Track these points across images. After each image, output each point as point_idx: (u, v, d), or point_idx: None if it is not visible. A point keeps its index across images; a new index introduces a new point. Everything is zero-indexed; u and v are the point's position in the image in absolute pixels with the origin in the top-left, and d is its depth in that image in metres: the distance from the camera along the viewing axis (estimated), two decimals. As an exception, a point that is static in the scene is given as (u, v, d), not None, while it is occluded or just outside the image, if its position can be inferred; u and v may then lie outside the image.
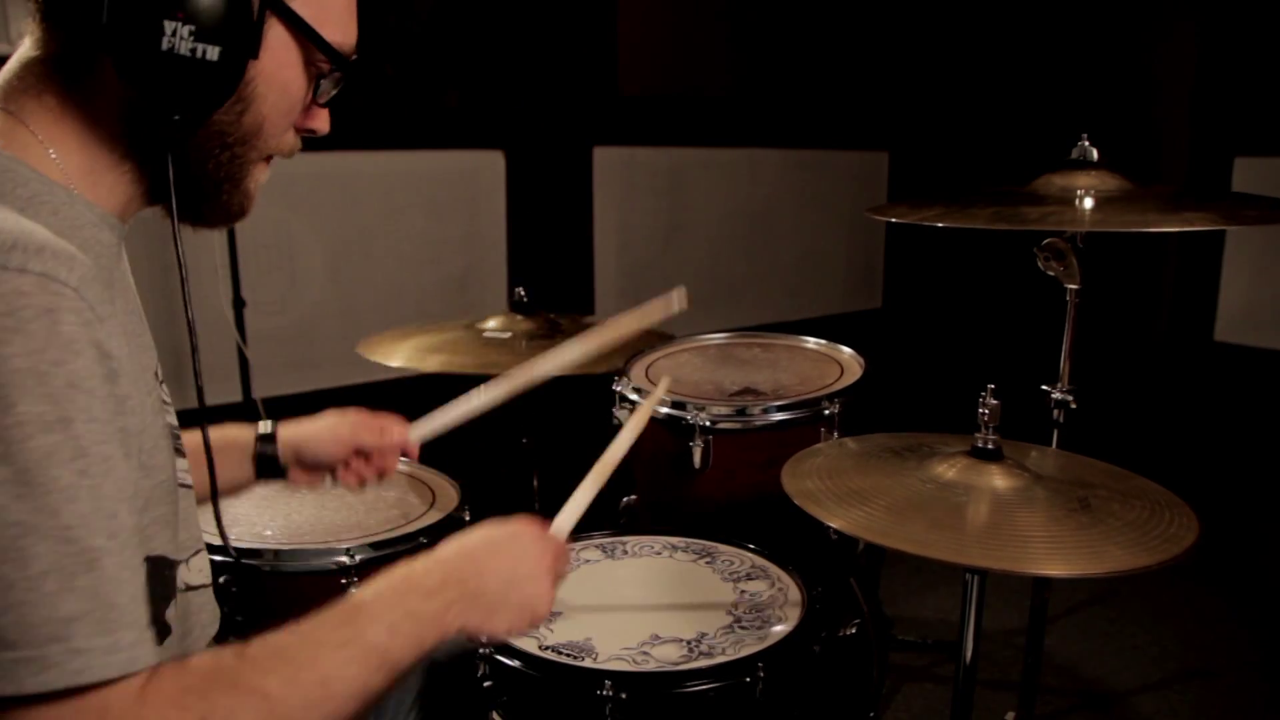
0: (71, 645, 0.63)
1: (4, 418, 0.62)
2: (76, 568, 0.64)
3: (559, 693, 1.15)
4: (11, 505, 0.62)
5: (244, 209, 0.87)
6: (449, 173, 3.45)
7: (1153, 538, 1.10)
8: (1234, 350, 3.90)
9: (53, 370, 0.64)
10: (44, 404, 0.63)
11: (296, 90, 0.83)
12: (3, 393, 0.62)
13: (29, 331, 0.63)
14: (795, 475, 1.28)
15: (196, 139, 0.80)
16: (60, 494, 0.64)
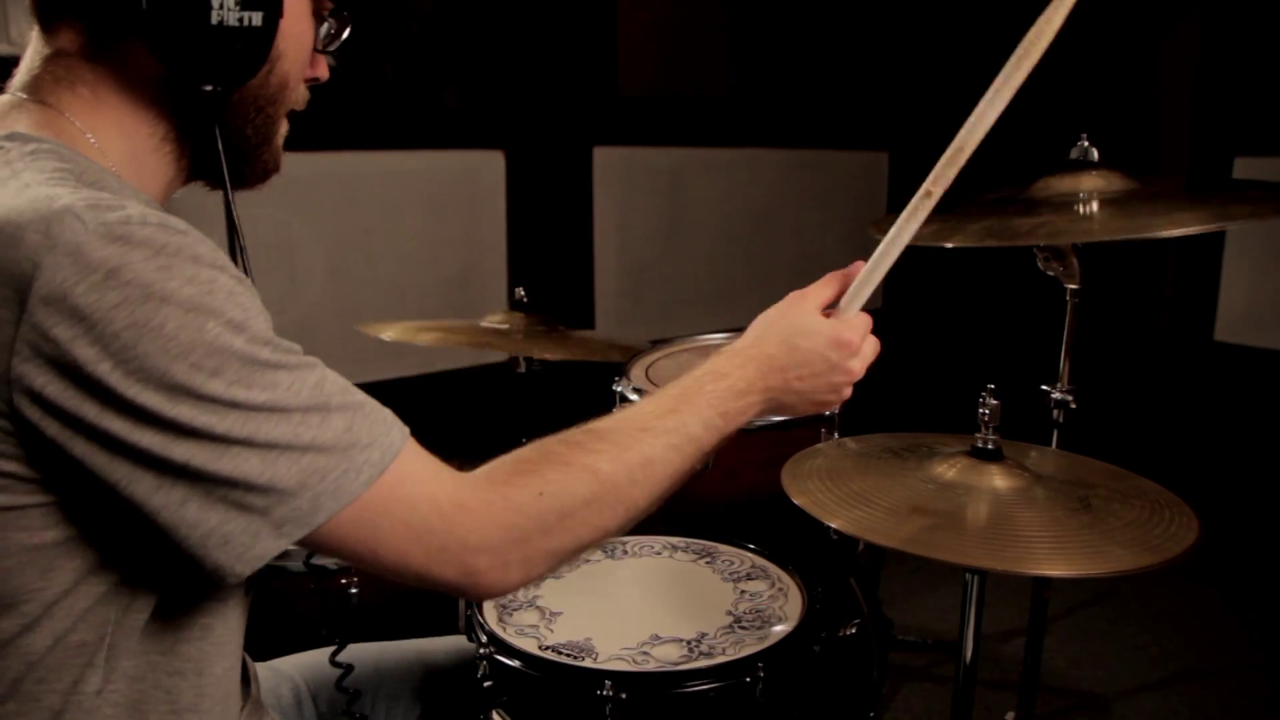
0: (391, 434, 0.73)
1: (205, 332, 0.65)
2: (336, 395, 0.72)
3: (559, 693, 1.15)
4: (246, 394, 0.66)
5: (277, 165, 0.89)
6: (449, 173, 3.45)
7: (1154, 537, 1.10)
8: (1234, 350, 3.90)
9: (218, 280, 0.67)
10: (230, 307, 0.67)
11: (308, 41, 0.86)
12: (194, 313, 0.65)
13: (176, 265, 0.66)
14: (795, 476, 1.28)
15: (231, 107, 0.82)
16: (284, 369, 0.70)
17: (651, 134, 3.97)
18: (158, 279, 0.64)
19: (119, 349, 0.63)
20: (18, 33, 2.58)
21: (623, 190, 3.92)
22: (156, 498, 0.65)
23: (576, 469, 0.80)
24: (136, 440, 0.64)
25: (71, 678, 0.71)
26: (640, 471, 0.84)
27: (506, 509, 0.76)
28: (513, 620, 1.26)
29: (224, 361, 0.66)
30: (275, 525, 0.67)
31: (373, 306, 3.30)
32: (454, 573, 0.74)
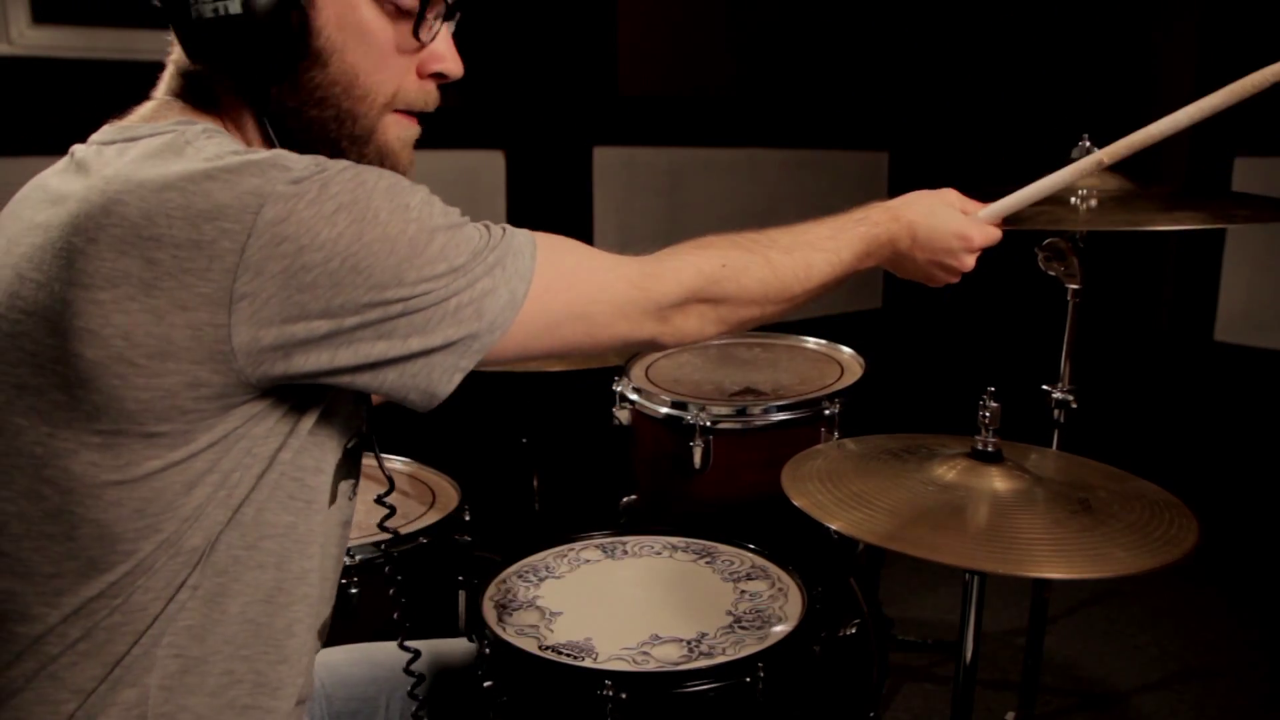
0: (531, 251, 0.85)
1: (409, 213, 0.77)
2: (500, 257, 0.82)
3: (559, 693, 1.15)
4: (457, 256, 0.78)
5: (393, 168, 0.88)
6: (449, 173, 3.45)
7: (1154, 539, 1.10)
8: (1234, 350, 3.90)
9: (398, 180, 0.79)
10: (416, 191, 0.79)
11: (378, 32, 0.84)
12: (396, 200, 0.77)
13: (365, 172, 0.77)
14: (795, 477, 1.28)
15: (294, 105, 0.83)
16: (467, 223, 0.82)
17: (651, 134, 3.97)
18: (357, 184, 0.75)
19: (345, 245, 0.73)
20: (17, 32, 2.58)
21: (623, 190, 3.91)
22: (379, 376, 0.78)
23: (757, 255, 1.00)
24: (365, 350, 0.76)
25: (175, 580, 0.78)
26: (803, 272, 1.03)
27: (693, 273, 0.95)
28: (513, 620, 1.26)
29: (432, 235, 0.77)
30: (478, 337, 0.80)
31: (373, 306, 3.29)
32: (651, 325, 0.93)
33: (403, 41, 0.85)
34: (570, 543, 1.48)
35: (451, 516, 1.62)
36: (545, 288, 0.83)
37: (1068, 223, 1.51)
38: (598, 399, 1.89)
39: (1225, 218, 1.45)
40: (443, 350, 0.78)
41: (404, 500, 1.69)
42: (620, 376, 1.84)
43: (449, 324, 0.78)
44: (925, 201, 1.16)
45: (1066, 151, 1.64)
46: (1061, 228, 1.58)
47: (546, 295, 0.83)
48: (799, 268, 1.03)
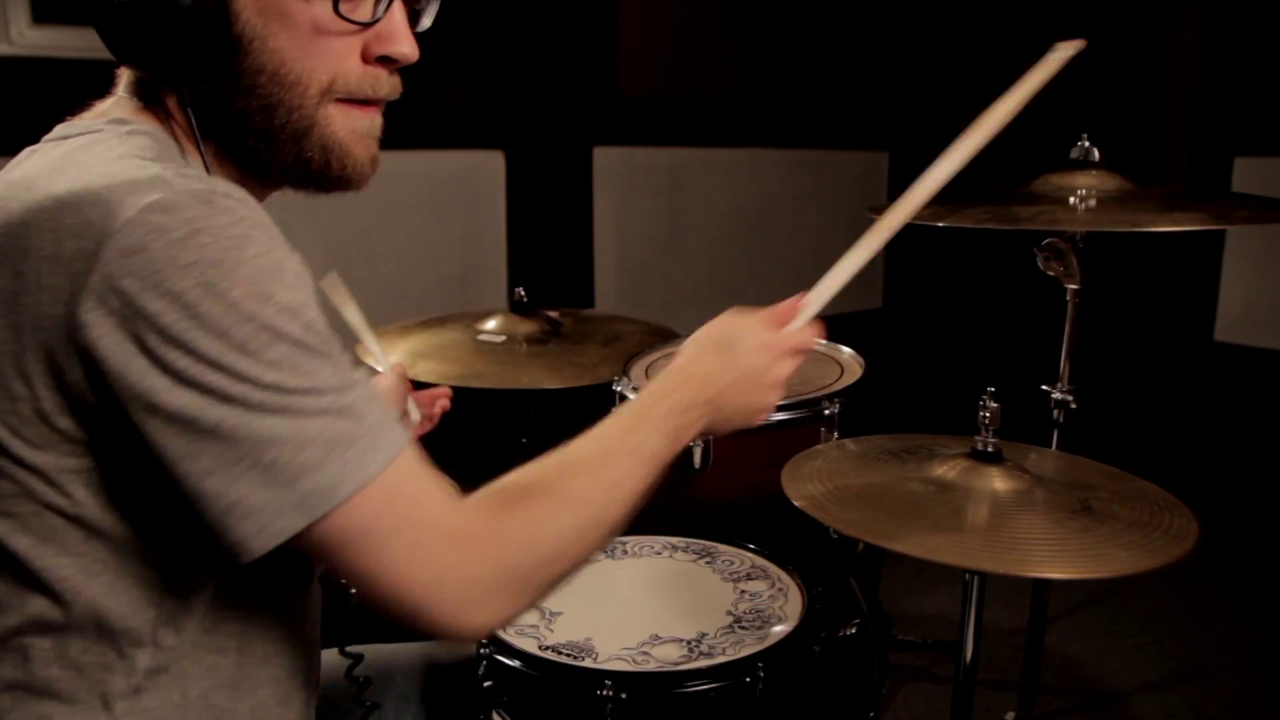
0: (394, 432, 0.73)
1: (265, 308, 0.67)
2: (354, 407, 0.72)
3: (559, 693, 1.15)
4: (307, 364, 0.69)
5: (342, 163, 0.83)
6: (449, 173, 3.45)
7: (1154, 539, 1.10)
8: (1234, 350, 3.90)
9: (286, 262, 0.71)
10: (291, 291, 0.70)
11: (297, 14, 0.77)
12: (260, 289, 0.67)
13: (255, 237, 0.69)
14: (795, 478, 1.28)
15: (220, 97, 0.78)
16: (326, 359, 0.71)
17: (651, 134, 3.97)
18: (234, 246, 0.67)
19: (183, 306, 0.65)
20: (17, 32, 2.58)
21: (623, 190, 3.91)
22: (185, 463, 0.67)
23: (563, 500, 0.80)
24: (175, 399, 0.66)
25: (107, 661, 0.74)
26: (615, 491, 0.84)
27: (504, 543, 0.76)
28: (512, 621, 1.26)
29: (275, 340, 0.68)
30: (298, 500, 0.68)
31: (373, 306, 3.27)
32: (451, 604, 0.74)
33: (327, 23, 0.78)
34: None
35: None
36: (376, 499, 0.70)
37: (1067, 223, 1.52)
38: (598, 399, 1.89)
39: (1225, 218, 1.45)
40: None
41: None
42: (620, 376, 1.84)
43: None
44: (712, 337, 1.00)
45: (1067, 151, 1.65)
46: (1061, 228, 1.59)
47: (367, 508, 0.70)
48: (610, 489, 0.84)
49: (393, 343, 2.02)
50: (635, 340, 2.07)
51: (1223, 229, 3.62)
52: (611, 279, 3.95)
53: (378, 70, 0.83)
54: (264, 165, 0.83)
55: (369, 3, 0.81)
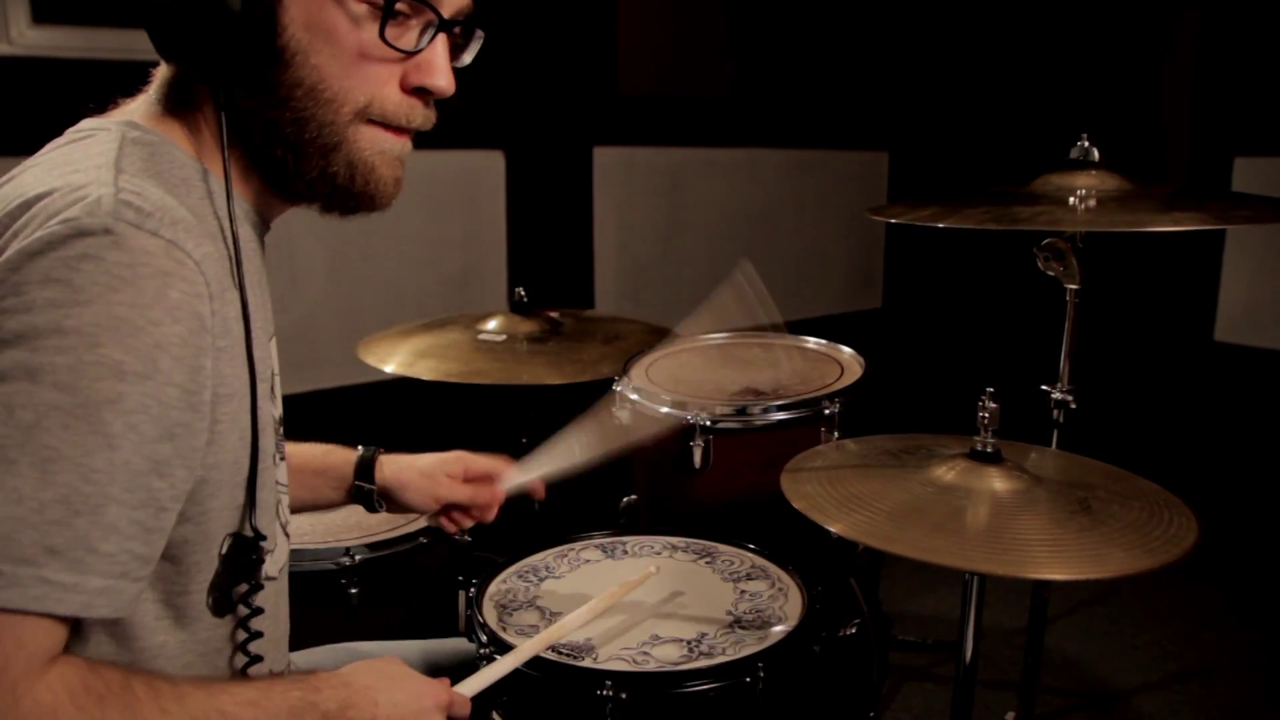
0: (41, 574, 0.66)
1: (86, 354, 0.66)
2: (83, 508, 0.67)
3: (559, 693, 1.15)
4: (56, 430, 0.66)
5: (367, 181, 0.84)
6: (449, 173, 3.45)
7: (1153, 539, 1.10)
8: (1234, 350, 3.90)
9: (148, 327, 0.68)
10: (127, 354, 0.67)
11: (346, 35, 0.79)
12: (94, 332, 0.66)
13: (140, 286, 0.68)
14: (795, 479, 1.28)
15: (254, 105, 0.80)
16: (102, 438, 0.67)
17: (651, 134, 3.97)
18: (106, 283, 0.67)
19: (22, 302, 0.66)
20: (17, 32, 2.58)
21: (623, 190, 3.91)
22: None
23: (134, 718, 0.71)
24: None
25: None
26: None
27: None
28: (513, 620, 1.26)
29: (69, 386, 0.66)
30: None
31: (372, 306, 3.29)
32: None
33: (371, 48, 0.80)
34: (570, 543, 1.48)
35: (451, 516, 1.62)
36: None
37: (1067, 223, 1.51)
38: (598, 397, 1.89)
39: (1225, 218, 1.45)
40: None
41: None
42: (620, 376, 1.84)
43: None
44: (387, 667, 0.91)
45: (1066, 151, 1.64)
46: (1061, 228, 1.58)
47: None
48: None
49: (394, 344, 2.02)
50: (635, 340, 2.07)
51: (1223, 229, 3.62)
52: (611, 279, 3.95)
53: (414, 100, 0.85)
54: (289, 177, 0.84)
55: (414, 33, 0.83)
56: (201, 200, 0.80)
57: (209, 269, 0.73)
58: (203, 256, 0.73)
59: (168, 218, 0.71)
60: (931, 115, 4.65)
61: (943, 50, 4.58)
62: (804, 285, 4.59)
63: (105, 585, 0.69)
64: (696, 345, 2.06)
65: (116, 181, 0.72)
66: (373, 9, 0.79)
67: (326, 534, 1.56)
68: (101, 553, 0.69)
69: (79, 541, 0.67)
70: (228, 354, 0.76)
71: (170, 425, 0.71)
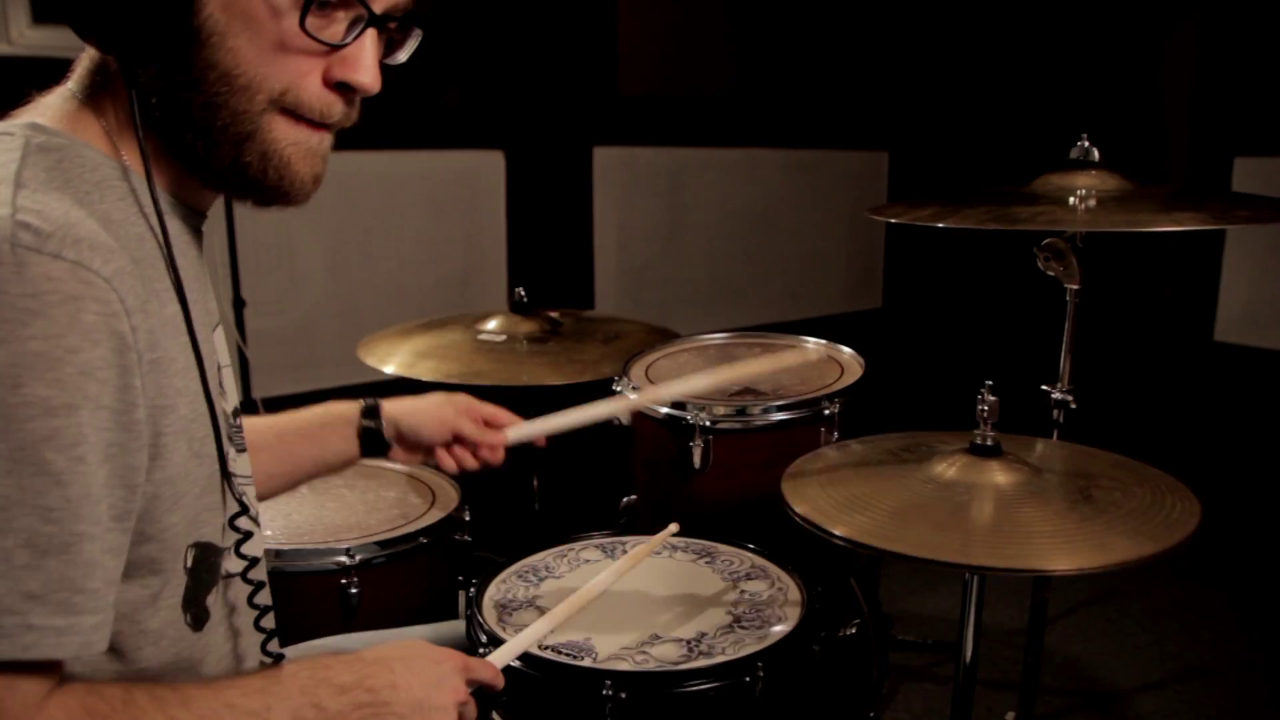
0: (27, 620, 0.65)
1: (9, 396, 0.63)
2: (50, 548, 0.66)
3: (559, 693, 1.15)
4: (1, 478, 0.64)
5: (281, 176, 0.80)
6: (449, 173, 3.45)
7: (1156, 525, 1.10)
8: (1234, 350, 3.90)
9: (67, 356, 0.65)
10: (52, 388, 0.65)
11: (263, 21, 0.75)
12: (13, 372, 0.64)
13: (51, 316, 0.65)
14: (796, 482, 1.28)
15: (164, 84, 0.76)
16: (50, 477, 0.65)
17: (651, 134, 3.97)
18: (12, 318, 0.64)
19: None
20: (17, 32, 2.58)
21: (623, 190, 3.92)
22: None
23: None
24: None
25: None
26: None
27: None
28: (512, 620, 1.26)
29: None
30: None
31: (372, 306, 3.30)
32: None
33: (292, 38, 0.75)
34: (570, 543, 1.48)
35: (451, 516, 1.62)
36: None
37: (1067, 223, 1.51)
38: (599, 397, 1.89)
39: (1225, 218, 1.45)
40: None
41: (405, 499, 1.69)
42: (620, 377, 1.84)
43: None
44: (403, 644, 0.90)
45: (1066, 151, 1.64)
46: (1061, 228, 1.58)
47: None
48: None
49: (394, 344, 2.02)
50: (635, 339, 2.07)
51: (1223, 229, 3.62)
52: (611, 279, 3.95)
53: (334, 96, 0.80)
54: (200, 164, 0.80)
55: (341, 25, 0.79)
56: (119, 202, 0.76)
57: (121, 284, 0.69)
58: (113, 273, 0.69)
59: (70, 236, 0.67)
60: (931, 115, 4.65)
61: (943, 50, 4.58)
62: (804, 285, 4.59)
63: (99, 621, 0.69)
64: (696, 345, 2.06)
65: (14, 199, 0.67)
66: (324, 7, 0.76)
67: (326, 534, 1.56)
68: (88, 590, 0.68)
69: (60, 583, 0.66)
70: (161, 365, 0.74)
71: (106, 448, 0.69)
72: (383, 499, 1.69)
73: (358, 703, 0.81)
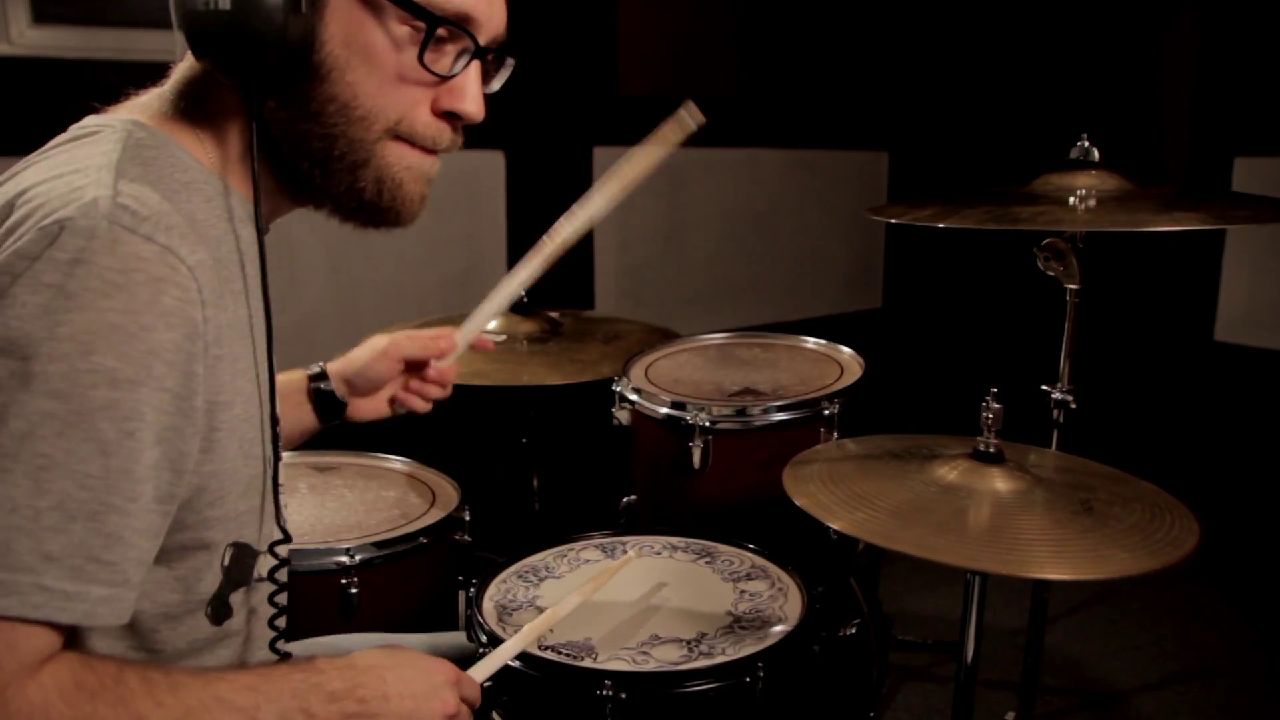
0: (40, 580, 0.66)
1: (79, 361, 0.66)
2: (79, 514, 0.67)
3: (559, 693, 1.15)
4: (50, 438, 0.66)
5: (394, 197, 0.84)
6: (449, 173, 3.41)
7: (1155, 541, 1.10)
8: (1234, 350, 3.90)
9: (140, 334, 0.68)
10: (120, 361, 0.67)
11: (384, 55, 0.79)
12: (89, 339, 0.66)
13: (133, 293, 0.68)
14: (796, 477, 1.28)
15: (285, 116, 0.79)
16: (96, 444, 0.67)
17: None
18: (98, 288, 0.67)
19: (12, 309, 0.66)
20: (17, 32, 2.58)
21: (623, 190, 3.91)
22: None
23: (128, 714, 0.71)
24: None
25: None
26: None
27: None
28: (513, 620, 1.26)
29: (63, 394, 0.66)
30: None
31: (373, 307, 3.29)
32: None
33: (409, 70, 0.80)
34: (570, 543, 1.48)
35: (451, 516, 1.62)
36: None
37: (1067, 223, 1.51)
38: (597, 399, 1.89)
39: (1225, 218, 1.45)
40: None
41: (404, 499, 1.69)
42: (620, 377, 1.85)
43: None
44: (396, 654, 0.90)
45: (1066, 151, 1.64)
46: (1061, 228, 1.58)
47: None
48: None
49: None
50: (635, 339, 2.07)
51: (1223, 229, 3.62)
52: (611, 279, 3.95)
53: (443, 123, 0.85)
54: (314, 190, 0.84)
55: (449, 58, 0.83)
56: (204, 204, 0.80)
57: (202, 275, 0.73)
58: (196, 263, 0.72)
59: (163, 223, 0.71)
60: (931, 115, 4.65)
61: (943, 50, 4.58)
62: (804, 285, 4.59)
63: (108, 594, 0.70)
64: (696, 345, 2.06)
65: (115, 184, 0.71)
66: (414, 31, 0.79)
67: (326, 534, 1.56)
68: (104, 561, 0.69)
69: (78, 549, 0.68)
70: (224, 363, 0.76)
71: (161, 430, 0.71)
72: (382, 499, 1.69)
73: (347, 713, 0.81)
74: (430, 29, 0.79)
